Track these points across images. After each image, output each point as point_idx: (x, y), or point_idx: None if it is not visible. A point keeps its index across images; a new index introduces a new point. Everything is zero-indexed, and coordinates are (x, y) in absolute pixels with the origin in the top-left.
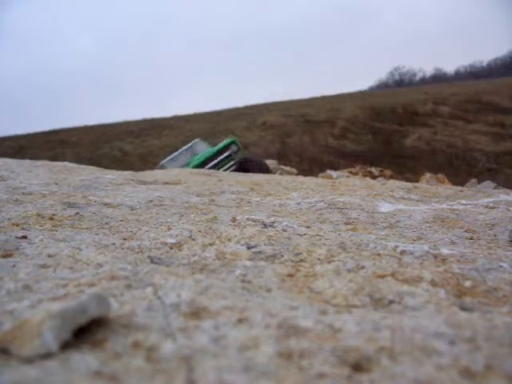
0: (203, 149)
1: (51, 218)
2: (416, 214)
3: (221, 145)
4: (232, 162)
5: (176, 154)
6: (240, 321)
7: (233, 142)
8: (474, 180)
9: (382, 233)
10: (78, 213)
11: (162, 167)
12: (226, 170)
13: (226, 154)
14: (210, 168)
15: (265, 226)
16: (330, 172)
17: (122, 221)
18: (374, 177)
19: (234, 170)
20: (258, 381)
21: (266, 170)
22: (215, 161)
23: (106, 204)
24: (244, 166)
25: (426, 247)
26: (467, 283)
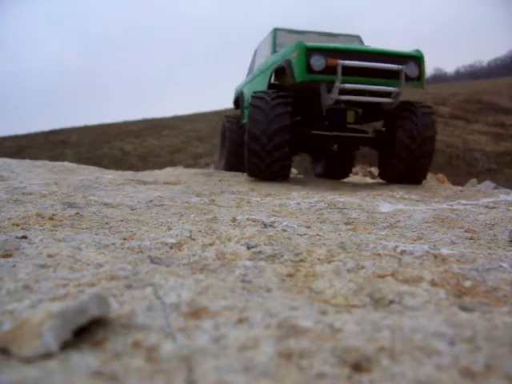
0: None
1: (51, 218)
2: (416, 213)
3: (389, 49)
4: (393, 90)
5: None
6: (240, 321)
7: (418, 58)
8: (473, 180)
9: (382, 233)
10: (77, 213)
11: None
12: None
13: (390, 66)
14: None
15: (265, 226)
16: None
17: (122, 221)
18: (374, 177)
19: (374, 114)
20: (258, 381)
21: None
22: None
23: (105, 204)
24: (394, 116)
25: (426, 247)
26: (467, 283)
